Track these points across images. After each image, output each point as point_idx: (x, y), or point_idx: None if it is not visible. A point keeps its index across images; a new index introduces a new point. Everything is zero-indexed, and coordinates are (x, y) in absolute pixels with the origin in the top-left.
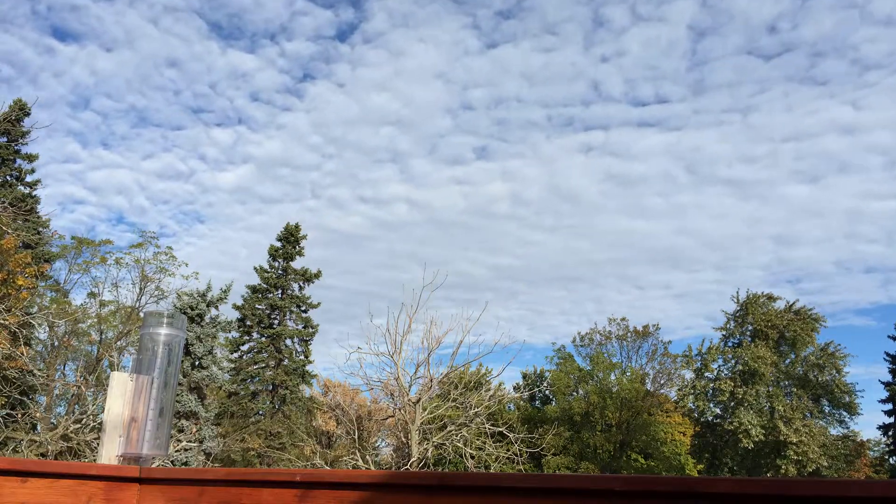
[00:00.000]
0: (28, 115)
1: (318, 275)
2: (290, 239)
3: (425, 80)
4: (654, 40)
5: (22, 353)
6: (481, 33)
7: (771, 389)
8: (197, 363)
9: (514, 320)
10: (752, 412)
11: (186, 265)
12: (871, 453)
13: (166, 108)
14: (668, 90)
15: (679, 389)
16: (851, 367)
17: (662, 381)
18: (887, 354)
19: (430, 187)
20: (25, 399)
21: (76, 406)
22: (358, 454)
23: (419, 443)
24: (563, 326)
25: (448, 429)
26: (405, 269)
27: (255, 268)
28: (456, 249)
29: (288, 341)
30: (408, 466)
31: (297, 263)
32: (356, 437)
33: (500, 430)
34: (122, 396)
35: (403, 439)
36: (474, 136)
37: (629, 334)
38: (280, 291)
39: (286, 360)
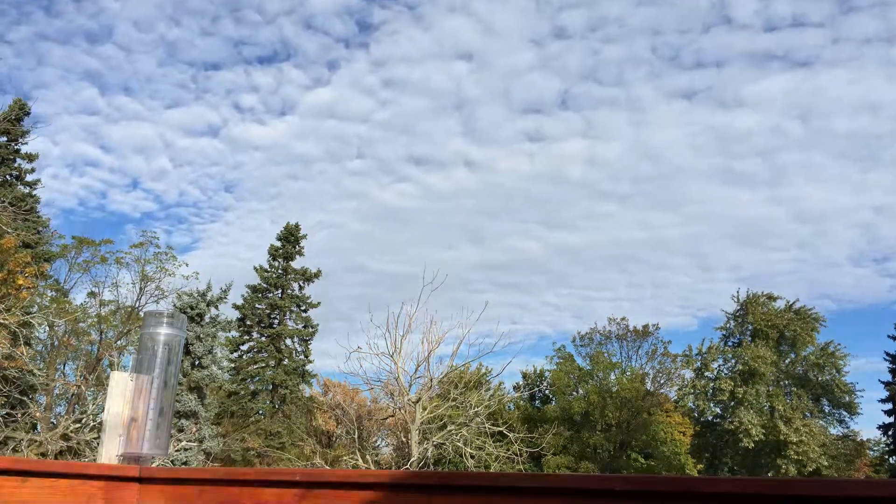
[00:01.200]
0: (28, 114)
1: (317, 274)
2: (290, 238)
3: None
4: None
5: (22, 353)
6: None
7: (771, 389)
8: (197, 363)
9: (561, 308)
10: (752, 412)
11: (187, 265)
12: (871, 453)
13: (202, 41)
14: (808, 9)
15: (679, 389)
16: (852, 366)
17: (662, 381)
18: (887, 354)
19: (495, 144)
20: (25, 399)
21: (76, 406)
22: (358, 454)
23: (419, 442)
24: (615, 314)
25: (448, 428)
26: (453, 245)
27: (254, 267)
28: (513, 223)
29: (288, 341)
30: (408, 466)
31: (297, 263)
32: (356, 436)
33: (500, 429)
34: (122, 396)
35: (403, 439)
36: (558, 76)
37: (629, 334)
38: (280, 291)
39: (286, 360)
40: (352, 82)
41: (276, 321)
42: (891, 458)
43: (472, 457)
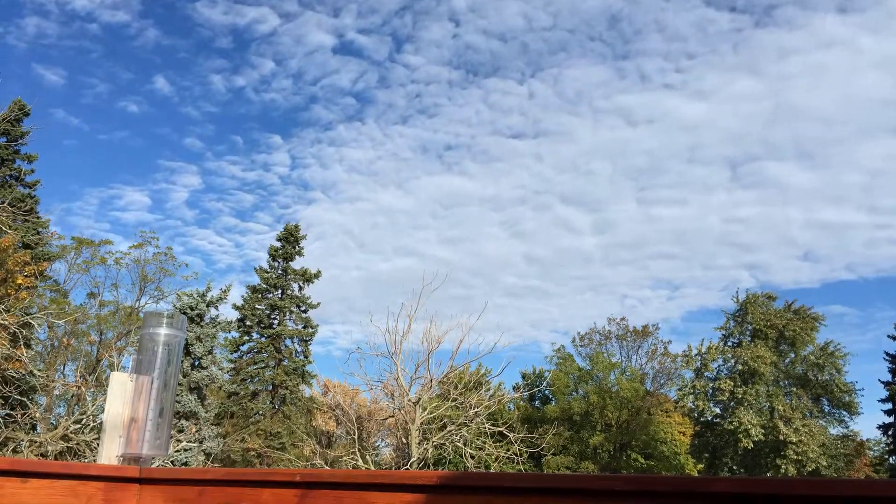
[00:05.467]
0: (28, 115)
1: (317, 275)
2: (290, 239)
3: None
4: None
5: (22, 354)
6: None
7: (771, 389)
8: (197, 363)
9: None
10: (751, 412)
11: (187, 265)
12: (871, 453)
13: None
14: None
15: (679, 389)
16: (851, 365)
17: (662, 381)
18: (887, 354)
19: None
20: (25, 399)
21: (76, 406)
22: (358, 454)
23: (419, 443)
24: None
25: (448, 429)
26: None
27: (254, 268)
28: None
29: (288, 341)
30: (408, 466)
31: (296, 263)
32: (356, 437)
33: (500, 429)
34: (121, 397)
35: (403, 439)
36: None
37: (629, 334)
38: (280, 291)
39: (286, 360)
40: None
41: (276, 321)
42: (891, 458)
43: (472, 457)
